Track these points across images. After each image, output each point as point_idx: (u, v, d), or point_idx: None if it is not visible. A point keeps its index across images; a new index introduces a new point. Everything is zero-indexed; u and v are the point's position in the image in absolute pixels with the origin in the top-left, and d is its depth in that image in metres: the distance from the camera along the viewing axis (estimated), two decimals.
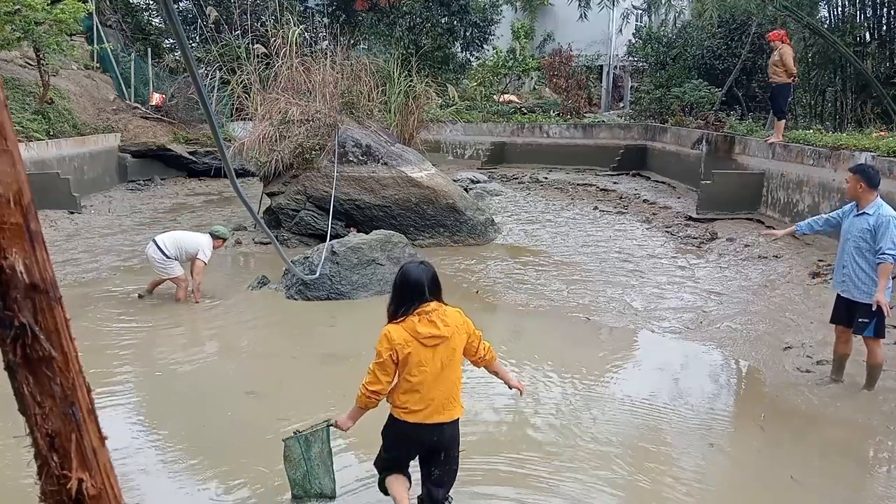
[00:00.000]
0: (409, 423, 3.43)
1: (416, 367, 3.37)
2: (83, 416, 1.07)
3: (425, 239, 10.84)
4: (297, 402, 4.48)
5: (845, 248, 5.34)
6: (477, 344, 3.60)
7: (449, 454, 3.56)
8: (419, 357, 3.37)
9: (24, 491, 3.81)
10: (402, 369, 3.41)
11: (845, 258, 5.33)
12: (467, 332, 3.54)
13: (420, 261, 3.74)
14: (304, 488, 3.87)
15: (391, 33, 18.85)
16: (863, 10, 14.90)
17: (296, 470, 3.83)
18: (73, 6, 13.30)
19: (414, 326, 3.36)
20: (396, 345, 3.35)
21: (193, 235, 8.06)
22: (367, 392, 3.44)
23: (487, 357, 3.66)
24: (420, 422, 3.42)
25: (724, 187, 11.98)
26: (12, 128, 1.00)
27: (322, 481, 3.86)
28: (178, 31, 2.12)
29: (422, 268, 3.54)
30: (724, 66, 17.68)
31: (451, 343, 3.43)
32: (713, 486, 4.23)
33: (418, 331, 3.36)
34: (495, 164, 19.58)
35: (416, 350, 3.36)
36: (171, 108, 17.87)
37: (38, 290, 1.01)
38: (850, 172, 5.40)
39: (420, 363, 3.37)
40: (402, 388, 3.43)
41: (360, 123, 12.05)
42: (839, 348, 5.55)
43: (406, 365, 3.38)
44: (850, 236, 5.29)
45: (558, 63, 23.14)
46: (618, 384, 5.78)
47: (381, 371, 3.39)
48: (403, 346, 3.35)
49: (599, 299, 8.01)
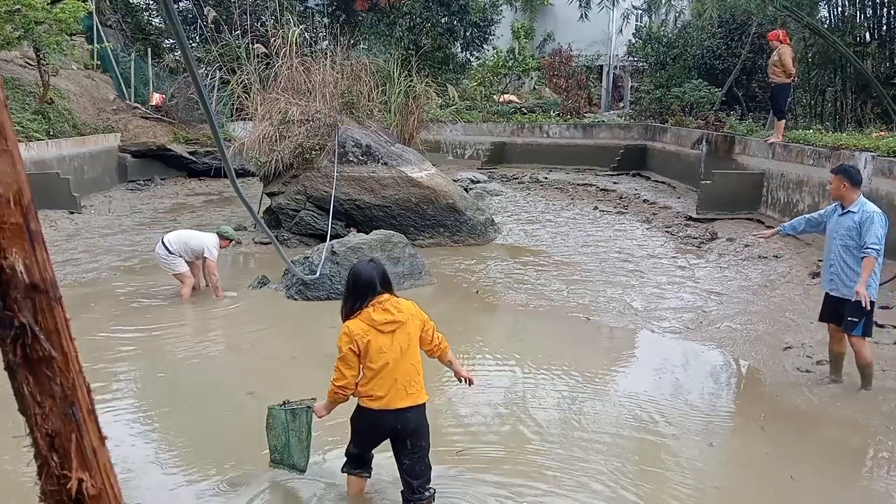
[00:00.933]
0: (374, 409, 3.59)
1: (377, 354, 3.55)
2: (83, 416, 1.07)
3: (425, 239, 10.84)
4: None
5: (832, 248, 5.42)
6: (431, 333, 3.77)
7: (415, 443, 3.66)
8: (378, 344, 3.55)
9: (25, 491, 3.81)
10: (364, 359, 3.58)
11: (832, 257, 5.40)
12: (421, 320, 3.73)
13: (369, 258, 3.98)
14: (282, 456, 4.07)
15: (391, 33, 18.85)
16: (863, 10, 14.90)
17: (277, 439, 4.05)
18: (73, 6, 13.29)
19: (370, 316, 3.58)
20: (356, 336, 3.55)
21: (200, 234, 8.17)
22: (334, 388, 3.64)
23: (442, 346, 3.83)
24: (383, 408, 3.57)
25: (724, 187, 11.98)
26: (12, 128, 1.00)
27: (296, 456, 4.04)
28: (178, 31, 2.12)
29: (371, 265, 3.76)
30: (724, 66, 17.68)
31: (407, 328, 3.62)
32: (713, 485, 4.23)
33: (374, 318, 3.57)
34: (495, 164, 19.58)
35: (375, 337, 3.56)
36: (171, 108, 17.86)
37: (38, 290, 1.01)
38: (832, 174, 5.48)
39: (380, 349, 3.55)
40: (366, 378, 3.60)
41: (360, 123, 12.05)
42: (834, 347, 5.58)
43: (367, 353, 3.56)
44: (837, 235, 5.36)
45: (558, 63, 23.13)
46: (618, 384, 5.78)
47: (345, 366, 3.58)
48: (362, 336, 3.54)
49: (599, 299, 8.01)
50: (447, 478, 4.16)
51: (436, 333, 3.80)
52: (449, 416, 5.08)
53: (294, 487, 4.14)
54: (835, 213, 5.48)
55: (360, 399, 3.66)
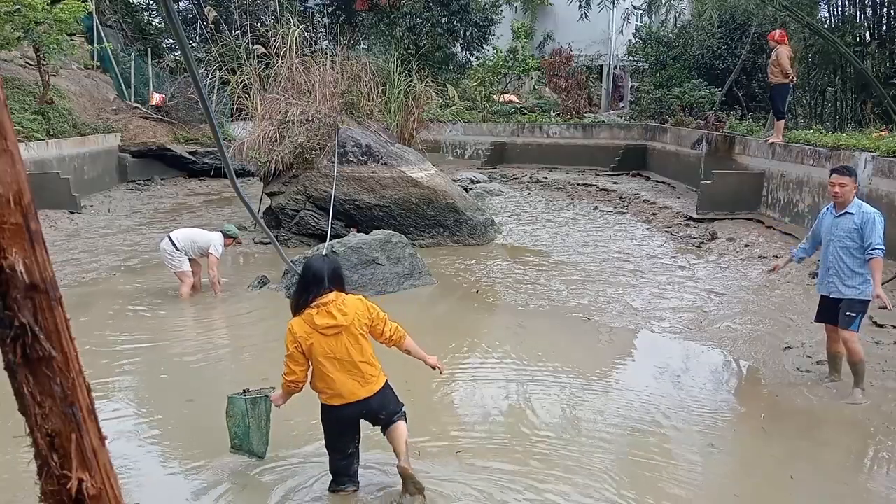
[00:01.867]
0: (335, 406, 3.71)
1: (323, 356, 3.64)
2: (83, 416, 1.07)
3: (425, 239, 10.84)
4: (297, 402, 4.49)
5: (829, 250, 5.36)
6: (382, 327, 3.82)
7: (385, 413, 3.80)
8: (322, 347, 3.64)
9: (25, 491, 3.81)
10: (311, 358, 3.68)
11: (830, 259, 5.35)
12: (369, 317, 3.77)
13: (325, 255, 3.99)
14: (242, 443, 4.17)
15: (391, 33, 18.84)
16: (863, 11, 14.90)
17: (237, 426, 4.15)
18: (73, 6, 13.30)
19: (312, 319, 3.64)
20: (299, 337, 3.64)
21: (205, 232, 8.30)
22: (285, 382, 3.77)
23: (395, 337, 3.87)
24: (343, 403, 3.70)
25: (724, 187, 11.98)
26: (12, 128, 1.00)
27: (255, 443, 4.15)
28: (178, 31, 2.13)
29: (324, 260, 3.90)
30: (724, 66, 17.68)
31: (351, 330, 3.68)
32: (713, 485, 4.23)
33: (316, 322, 3.63)
34: (495, 164, 19.58)
35: (318, 340, 3.63)
36: (171, 108, 17.87)
37: (38, 290, 1.01)
38: (843, 175, 5.31)
39: (325, 352, 3.64)
40: (317, 375, 3.71)
41: (360, 123, 12.06)
42: (832, 347, 5.57)
43: (312, 355, 3.65)
44: (834, 237, 5.31)
45: (558, 63, 23.13)
46: (617, 384, 5.78)
47: (293, 362, 3.70)
48: (306, 339, 3.63)
49: (599, 299, 8.01)
50: (444, 479, 4.16)
51: (387, 325, 3.84)
52: (448, 415, 5.08)
53: (295, 487, 4.14)
54: (828, 216, 5.45)
55: (320, 396, 3.75)
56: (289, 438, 4.59)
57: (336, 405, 3.70)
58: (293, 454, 4.46)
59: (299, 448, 4.52)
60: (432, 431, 4.76)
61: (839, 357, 5.54)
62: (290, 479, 4.18)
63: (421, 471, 3.96)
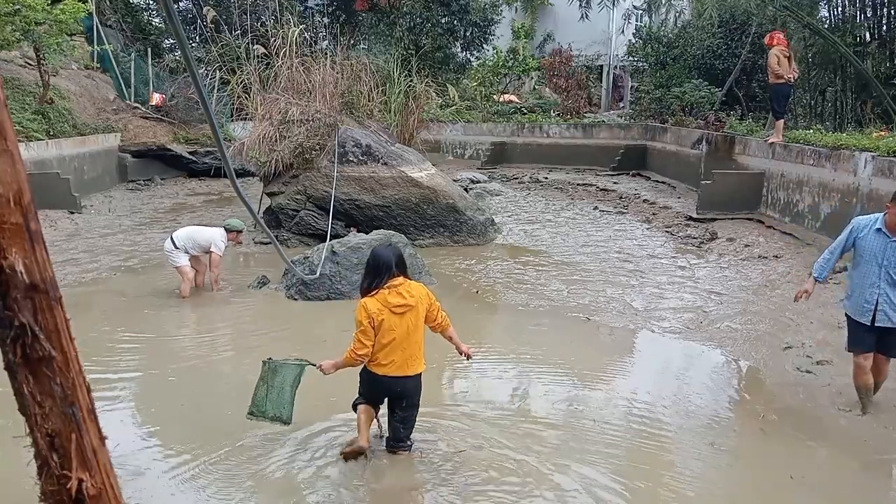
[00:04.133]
0: (379, 375, 4.19)
1: (388, 332, 4.12)
2: (83, 416, 1.07)
3: (425, 239, 10.83)
4: (297, 402, 4.51)
5: (879, 274, 4.82)
6: (436, 313, 4.36)
7: (410, 401, 4.31)
8: (390, 323, 4.12)
9: (25, 491, 3.81)
10: (378, 334, 4.12)
11: (882, 284, 4.81)
12: (429, 302, 4.32)
13: (389, 243, 4.52)
14: (263, 409, 4.41)
15: (391, 33, 18.84)
16: (863, 11, 14.90)
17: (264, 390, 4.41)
18: (73, 6, 13.29)
19: (385, 298, 4.14)
20: (372, 313, 4.10)
21: (206, 229, 8.35)
22: (354, 356, 4.17)
23: (444, 324, 4.44)
24: (387, 374, 4.17)
25: (724, 187, 11.98)
26: (12, 128, 1.00)
27: (281, 408, 4.40)
28: (179, 31, 2.12)
29: (390, 248, 4.39)
30: (724, 66, 17.68)
31: (416, 311, 4.22)
32: (713, 485, 4.23)
33: (389, 301, 4.13)
34: (495, 164, 19.57)
35: (388, 317, 4.12)
36: (171, 108, 17.86)
37: (38, 290, 1.01)
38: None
39: (390, 327, 4.12)
40: (376, 348, 4.15)
41: (360, 123, 12.05)
42: (869, 379, 5.01)
43: (380, 329, 4.11)
44: (887, 261, 4.79)
45: (558, 63, 23.13)
46: (617, 384, 5.77)
47: (364, 336, 4.12)
48: (378, 314, 4.10)
49: (599, 299, 8.01)
50: (442, 480, 4.16)
51: (440, 312, 4.38)
52: (448, 415, 5.08)
53: (295, 488, 4.14)
54: (876, 236, 4.86)
55: (369, 364, 4.21)
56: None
57: (380, 374, 4.17)
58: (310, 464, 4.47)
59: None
60: (435, 427, 4.77)
61: (872, 388, 5.10)
62: (297, 481, 4.18)
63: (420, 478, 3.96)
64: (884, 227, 4.83)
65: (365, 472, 4.24)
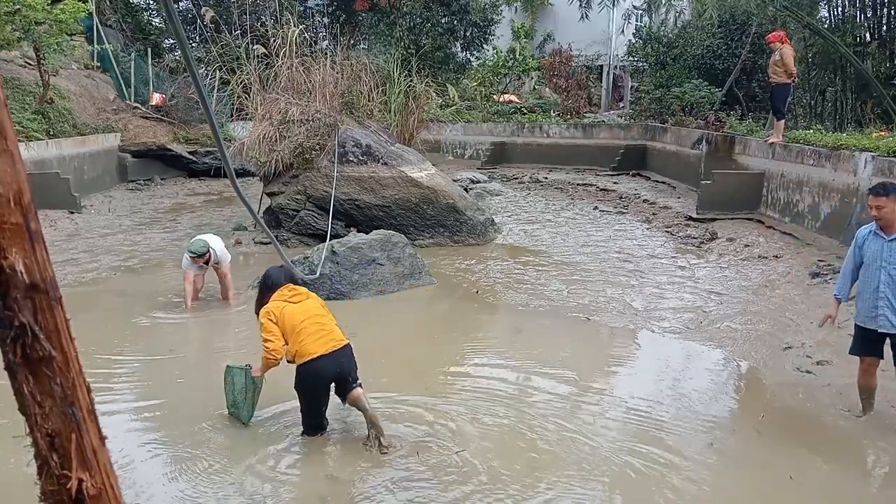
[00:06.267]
0: (313, 360, 4.35)
1: (293, 316, 4.45)
2: (83, 416, 1.07)
3: (425, 239, 10.83)
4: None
5: (879, 277, 4.75)
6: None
7: (353, 377, 4.50)
8: (292, 310, 4.49)
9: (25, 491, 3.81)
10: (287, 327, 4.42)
11: (882, 288, 4.72)
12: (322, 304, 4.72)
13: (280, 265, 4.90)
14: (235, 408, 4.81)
15: (391, 33, 18.85)
16: (863, 11, 14.91)
17: (229, 394, 4.82)
18: (73, 6, 13.29)
19: (280, 294, 4.62)
20: (272, 309, 4.50)
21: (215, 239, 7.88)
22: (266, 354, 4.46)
23: None
24: (318, 354, 4.36)
25: (724, 187, 11.98)
26: (12, 128, 1.00)
27: (241, 410, 4.77)
28: (179, 31, 2.12)
29: (281, 269, 4.83)
30: (724, 66, 17.68)
31: (313, 300, 4.66)
32: (712, 485, 4.23)
33: (283, 294, 4.61)
34: (495, 164, 19.57)
35: (289, 307, 4.51)
36: (171, 108, 17.86)
37: (38, 290, 1.01)
38: (884, 195, 4.69)
39: (293, 314, 4.47)
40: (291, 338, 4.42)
41: (360, 123, 12.05)
42: (871, 381, 4.97)
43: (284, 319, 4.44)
44: (886, 263, 4.73)
45: (558, 63, 23.13)
46: (617, 384, 5.78)
47: (268, 333, 4.44)
48: (278, 308, 4.50)
49: (599, 299, 8.01)
50: (440, 480, 4.16)
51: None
52: (446, 414, 5.08)
53: (296, 486, 4.14)
54: (874, 239, 4.82)
55: (297, 360, 4.41)
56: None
57: (313, 357, 4.35)
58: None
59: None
60: (431, 430, 4.76)
61: (874, 390, 5.05)
62: (298, 481, 4.18)
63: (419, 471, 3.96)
64: (877, 229, 4.81)
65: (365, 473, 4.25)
